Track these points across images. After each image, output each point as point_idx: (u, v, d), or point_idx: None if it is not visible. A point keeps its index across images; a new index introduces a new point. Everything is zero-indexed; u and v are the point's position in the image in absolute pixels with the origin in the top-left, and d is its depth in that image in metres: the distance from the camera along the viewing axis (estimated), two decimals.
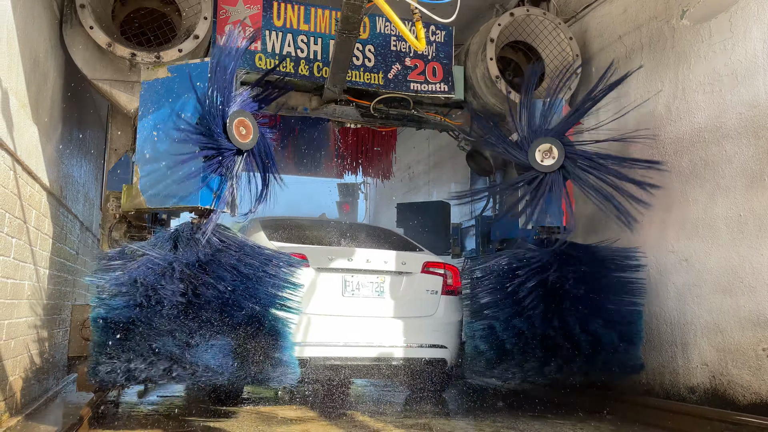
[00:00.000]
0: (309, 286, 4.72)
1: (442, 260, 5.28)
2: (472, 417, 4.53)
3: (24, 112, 3.90)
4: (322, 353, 4.60)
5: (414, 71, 5.66)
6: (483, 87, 5.75)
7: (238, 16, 5.26)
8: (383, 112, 5.69)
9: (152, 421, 4.34)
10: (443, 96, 5.75)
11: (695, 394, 4.39)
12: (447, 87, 5.74)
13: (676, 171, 4.74)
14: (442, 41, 5.79)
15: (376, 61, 5.56)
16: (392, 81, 5.57)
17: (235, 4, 5.26)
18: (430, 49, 5.67)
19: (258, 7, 5.32)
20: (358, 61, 5.48)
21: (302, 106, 5.62)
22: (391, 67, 5.59)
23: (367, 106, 5.61)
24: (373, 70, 5.55)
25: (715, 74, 4.47)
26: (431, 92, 5.70)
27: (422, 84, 5.67)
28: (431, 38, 5.74)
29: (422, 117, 5.89)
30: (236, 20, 5.23)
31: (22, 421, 3.89)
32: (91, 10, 4.52)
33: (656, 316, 4.83)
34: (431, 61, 5.74)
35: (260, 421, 4.22)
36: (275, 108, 5.43)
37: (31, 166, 4.06)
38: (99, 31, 4.50)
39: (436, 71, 5.74)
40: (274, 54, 5.33)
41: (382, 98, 5.56)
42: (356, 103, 5.63)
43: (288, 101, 5.55)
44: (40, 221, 4.46)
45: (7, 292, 3.71)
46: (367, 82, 5.50)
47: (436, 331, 4.96)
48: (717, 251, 4.33)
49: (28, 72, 3.98)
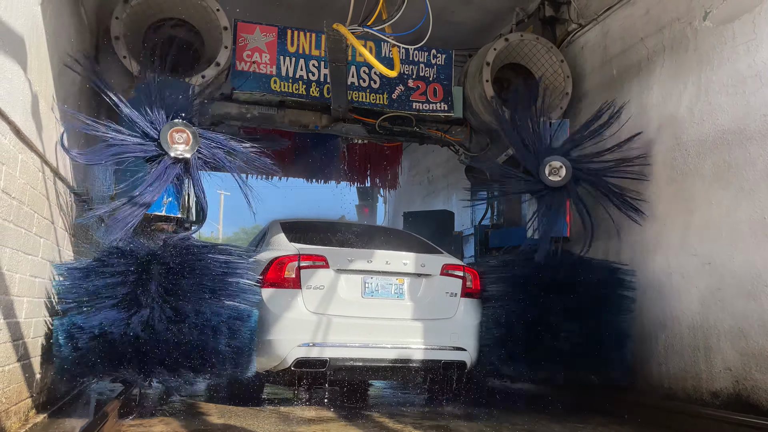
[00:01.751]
0: (328, 287, 4.76)
1: (461, 263, 5.28)
2: (492, 419, 4.52)
3: (53, 114, 4.00)
4: (341, 354, 4.62)
5: (416, 92, 6.13)
6: (480, 106, 6.13)
7: (256, 43, 5.77)
8: (388, 129, 6.12)
9: (174, 419, 4.40)
10: (443, 114, 6.22)
11: (718, 399, 4.33)
12: (447, 106, 6.21)
13: (699, 174, 4.69)
14: (443, 64, 6.28)
15: (381, 82, 6.02)
16: (396, 101, 6.03)
17: (252, 32, 5.76)
18: (431, 71, 6.19)
19: (273, 35, 5.81)
20: (364, 83, 5.96)
21: (313, 123, 6.04)
22: (395, 88, 6.05)
23: (373, 124, 6.05)
24: (378, 91, 6.01)
25: (738, 76, 4.42)
26: (432, 111, 6.16)
27: (424, 103, 6.14)
28: (432, 61, 6.23)
29: (424, 133, 6.33)
30: (254, 47, 5.75)
31: (47, 418, 3.97)
32: (124, 42, 5.05)
33: (678, 320, 4.78)
34: (432, 82, 6.20)
35: (280, 420, 4.26)
36: (289, 125, 5.99)
37: (59, 168, 4.16)
38: (131, 60, 5.04)
39: (437, 92, 6.20)
40: (287, 77, 5.81)
41: (386, 117, 6.00)
42: (363, 122, 6.07)
43: (301, 119, 6.02)
44: (67, 222, 4.56)
45: (35, 291, 3.80)
46: (373, 102, 5.97)
47: (455, 333, 4.95)
48: (741, 255, 4.28)
49: (56, 76, 4.08)
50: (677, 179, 4.92)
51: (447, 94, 6.22)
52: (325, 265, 4.79)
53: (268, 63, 5.80)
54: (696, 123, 4.77)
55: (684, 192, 4.83)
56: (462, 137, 6.51)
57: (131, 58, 5.04)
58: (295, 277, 4.71)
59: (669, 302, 4.89)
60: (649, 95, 5.31)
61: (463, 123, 6.47)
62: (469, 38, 8.27)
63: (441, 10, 7.50)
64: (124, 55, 5.05)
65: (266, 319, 4.63)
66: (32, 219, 3.65)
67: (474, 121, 6.38)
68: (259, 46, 5.77)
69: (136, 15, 5.30)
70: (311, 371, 4.64)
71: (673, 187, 4.96)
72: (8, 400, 3.35)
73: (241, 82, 5.67)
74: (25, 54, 3.37)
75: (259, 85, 5.72)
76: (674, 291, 4.84)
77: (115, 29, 5.12)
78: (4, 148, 3.11)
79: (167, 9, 5.43)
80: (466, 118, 6.39)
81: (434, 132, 6.36)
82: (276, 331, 4.58)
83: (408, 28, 4.59)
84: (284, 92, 5.82)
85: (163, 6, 5.39)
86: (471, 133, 6.54)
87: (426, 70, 6.19)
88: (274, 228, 5.59)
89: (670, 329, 4.86)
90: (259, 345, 4.67)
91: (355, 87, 5.94)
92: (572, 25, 6.44)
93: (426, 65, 6.22)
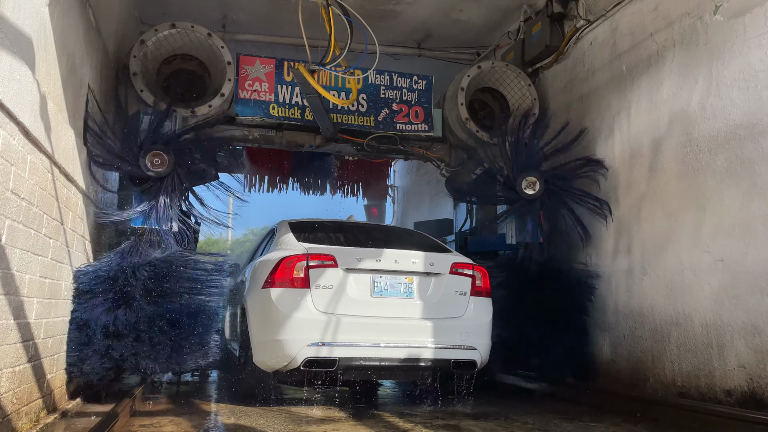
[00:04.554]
0: (337, 286, 4.75)
1: (471, 261, 5.25)
2: (503, 418, 4.49)
3: (61, 116, 4.01)
4: (350, 353, 4.60)
5: (400, 114, 6.85)
6: (457, 126, 6.86)
7: (256, 73, 6.50)
8: (375, 148, 6.84)
9: (184, 419, 4.40)
10: (424, 134, 6.96)
11: (732, 397, 4.28)
12: (427, 127, 6.95)
13: (711, 169, 4.64)
14: (423, 89, 7.02)
15: (368, 106, 6.75)
16: (381, 122, 6.76)
17: (253, 64, 6.52)
18: (413, 95, 6.98)
19: (271, 66, 6.56)
20: (352, 108, 6.71)
21: (308, 143, 6.82)
22: (381, 111, 6.78)
23: (361, 143, 6.76)
24: (366, 114, 6.74)
25: (750, 70, 4.37)
26: (414, 131, 6.90)
27: (407, 125, 6.86)
28: (414, 86, 6.99)
29: (408, 151, 7.08)
30: (255, 77, 6.49)
31: (58, 419, 3.98)
32: (141, 77, 5.79)
33: (691, 317, 4.73)
34: (414, 105, 6.94)
35: (290, 420, 4.25)
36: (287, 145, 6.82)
37: (68, 169, 4.17)
38: (148, 93, 5.74)
39: (418, 113, 6.93)
40: (284, 104, 6.54)
41: (373, 137, 6.71)
42: (352, 141, 6.79)
43: (297, 140, 6.80)
44: (76, 223, 4.57)
45: (45, 291, 3.81)
46: (360, 124, 6.70)
47: (465, 332, 4.92)
48: (754, 251, 4.23)
49: (65, 77, 4.09)
50: (688, 175, 4.86)
51: (428, 116, 6.95)
52: (334, 265, 4.78)
53: (267, 91, 6.51)
54: (707, 118, 4.72)
55: (695, 188, 4.78)
56: (442, 153, 7.22)
57: (147, 91, 5.75)
58: (304, 276, 4.70)
59: (681, 299, 4.84)
60: (659, 91, 5.26)
61: (443, 141, 7.15)
62: (478, 36, 8.26)
63: (449, 9, 7.49)
64: (141, 89, 5.74)
65: (275, 319, 4.63)
66: (42, 220, 3.66)
67: (453, 139, 7.09)
68: (259, 76, 6.50)
69: (151, 53, 6.03)
70: (321, 371, 4.62)
71: (684, 184, 4.91)
72: (19, 400, 3.36)
73: (244, 109, 6.41)
74: (33, 55, 3.38)
75: (259, 111, 6.44)
76: (686, 288, 4.79)
77: (134, 66, 5.78)
78: (13, 149, 3.12)
79: (178, 47, 6.18)
80: (446, 137, 7.09)
81: (417, 149, 7.09)
82: (285, 330, 4.57)
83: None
84: (282, 117, 6.50)
85: (174, 45, 6.14)
86: (451, 150, 7.22)
87: (408, 95, 6.93)
88: (283, 228, 5.59)
89: (682, 327, 4.80)
90: (269, 344, 4.67)
91: (344, 111, 6.67)
92: (580, 22, 6.40)
93: (408, 90, 6.95)
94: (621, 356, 5.51)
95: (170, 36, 6.04)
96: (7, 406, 3.16)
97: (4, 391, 3.12)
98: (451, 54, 8.73)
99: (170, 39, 6.08)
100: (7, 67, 2.99)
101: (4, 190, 3.02)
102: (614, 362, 5.60)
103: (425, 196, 11.07)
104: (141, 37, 5.94)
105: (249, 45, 8.20)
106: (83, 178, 4.65)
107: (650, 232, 5.26)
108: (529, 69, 7.33)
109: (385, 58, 8.60)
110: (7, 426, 3.15)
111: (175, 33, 6.03)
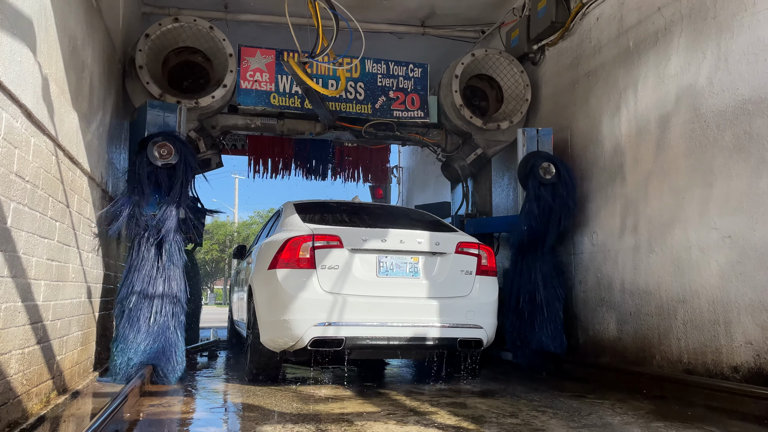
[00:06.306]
0: (343, 267, 4.76)
1: (476, 241, 5.25)
2: (509, 396, 4.51)
3: (64, 98, 3.99)
4: (357, 333, 4.62)
5: (396, 102, 7.05)
6: (452, 113, 7.07)
7: (257, 64, 6.71)
8: (373, 134, 7.06)
9: (193, 399, 4.45)
10: (420, 121, 7.17)
11: (739, 373, 4.28)
12: (423, 114, 7.16)
13: (719, 145, 4.59)
14: (419, 76, 7.21)
15: (365, 94, 6.96)
16: (379, 110, 6.98)
17: (254, 55, 6.73)
18: (409, 83, 7.17)
19: (272, 57, 6.76)
20: (350, 96, 6.89)
21: (309, 131, 7.06)
22: (378, 99, 6.99)
23: (360, 130, 6.97)
24: (363, 102, 6.95)
25: (759, 44, 4.30)
26: (411, 118, 7.11)
27: (403, 112, 7.07)
28: (410, 74, 7.16)
29: (405, 137, 7.28)
30: (256, 67, 6.69)
31: (68, 399, 4.03)
32: (147, 69, 5.98)
33: (698, 294, 4.71)
34: (410, 92, 7.14)
35: (298, 399, 4.29)
36: (288, 133, 7.05)
37: (72, 152, 4.16)
38: (154, 85, 5.99)
39: (414, 101, 7.13)
40: (284, 93, 6.74)
41: (371, 124, 6.94)
42: (350, 128, 7.00)
43: (297, 128, 7.04)
44: (82, 206, 4.58)
45: (52, 274, 3.83)
46: (358, 112, 6.94)
47: (471, 311, 4.93)
48: (762, 227, 4.19)
49: (67, 59, 4.07)
50: (696, 151, 4.82)
51: (423, 103, 7.15)
52: (340, 245, 4.78)
53: (267, 81, 6.72)
54: (715, 93, 4.66)
55: (703, 164, 4.73)
56: (438, 139, 7.45)
57: (153, 83, 5.99)
58: (310, 257, 4.71)
59: (688, 276, 4.82)
60: (666, 66, 5.19)
61: (439, 126, 7.37)
62: (482, 13, 8.19)
63: None
64: (147, 81, 5.97)
65: (282, 300, 4.64)
66: (47, 203, 3.66)
67: (448, 125, 7.26)
68: (260, 66, 6.71)
69: (155, 46, 6.22)
70: (328, 350, 4.65)
71: (691, 160, 4.86)
72: (29, 381, 3.40)
73: (246, 98, 6.63)
74: (34, 36, 3.36)
75: (260, 101, 6.66)
76: (693, 265, 4.77)
77: (139, 59, 6.00)
78: (16, 132, 3.11)
79: (182, 39, 6.40)
80: (441, 123, 7.30)
81: (414, 135, 7.30)
82: (292, 311, 4.59)
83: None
84: (282, 106, 6.72)
85: (178, 38, 6.36)
86: (447, 135, 7.43)
87: (405, 82, 7.12)
88: (288, 209, 5.59)
89: (689, 303, 4.79)
90: (276, 325, 4.69)
91: (343, 99, 6.85)
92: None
93: (405, 78, 7.14)
94: (627, 334, 5.51)
95: (173, 29, 6.25)
96: (18, 388, 3.20)
97: (14, 373, 3.15)
98: (456, 32, 8.66)
99: (173, 32, 6.28)
100: (8, 48, 2.97)
101: (9, 172, 3.02)
102: (620, 340, 5.60)
103: (431, 176, 11.04)
104: (146, 32, 6.13)
105: (252, 25, 8.16)
106: (88, 161, 4.65)
107: (657, 209, 5.23)
108: (535, 46, 7.25)
109: (389, 38, 8.57)
110: (17, 407, 3.19)
111: (178, 26, 6.23)
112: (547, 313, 5.99)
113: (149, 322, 4.96)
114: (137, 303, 4.99)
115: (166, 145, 5.31)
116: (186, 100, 6.10)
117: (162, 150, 5.29)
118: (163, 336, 4.96)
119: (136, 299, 4.98)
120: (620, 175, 5.75)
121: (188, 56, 6.66)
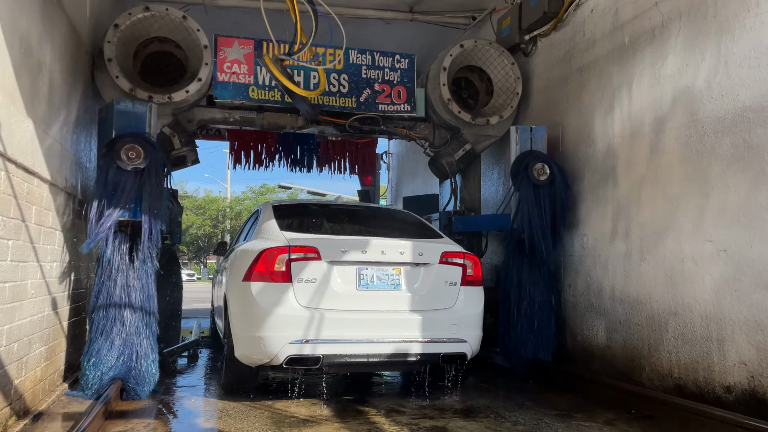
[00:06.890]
0: (321, 280, 4.53)
1: (461, 250, 5.02)
2: (493, 416, 4.33)
3: (14, 107, 3.70)
4: (335, 350, 4.42)
5: (382, 94, 6.68)
6: (440, 106, 6.74)
7: (235, 55, 6.28)
8: (357, 129, 6.68)
9: (160, 423, 4.25)
10: (407, 114, 6.81)
11: (731, 394, 4.11)
12: (410, 107, 6.79)
13: (716, 154, 4.36)
14: (406, 68, 6.81)
15: (349, 87, 6.58)
16: (363, 103, 6.60)
17: (231, 45, 6.28)
18: (395, 75, 6.76)
19: (250, 47, 6.32)
20: (334, 88, 6.52)
21: (290, 125, 6.65)
22: (363, 92, 6.61)
23: (344, 124, 6.60)
24: (347, 95, 6.56)
25: (762, 47, 4.04)
26: (397, 111, 6.75)
27: (389, 105, 6.70)
28: (396, 66, 6.76)
29: (391, 131, 6.94)
30: (233, 59, 6.25)
31: (28, 425, 3.82)
32: (116, 63, 5.60)
33: (690, 308, 4.52)
34: (396, 85, 6.74)
35: (272, 421, 4.09)
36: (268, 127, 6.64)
37: (26, 163, 3.89)
38: (123, 79, 5.60)
39: (401, 94, 6.75)
40: (264, 86, 6.32)
41: (355, 117, 6.55)
42: (334, 123, 6.63)
43: (278, 121, 6.62)
44: (43, 216, 4.32)
45: (5, 296, 3.59)
46: (342, 106, 6.54)
47: (455, 324, 4.73)
48: (760, 243, 3.98)
49: (18, 62, 3.76)
50: (692, 158, 4.58)
51: (410, 96, 6.78)
52: (317, 257, 4.55)
53: (246, 73, 6.29)
54: (714, 98, 4.41)
55: (699, 173, 4.50)
56: (426, 133, 7.08)
57: (123, 76, 5.60)
58: (286, 270, 4.48)
59: (681, 288, 4.63)
60: (663, 65, 4.92)
61: (427, 120, 7.01)
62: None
63: None
64: (116, 75, 5.58)
65: (256, 315, 4.43)
66: None
67: (436, 119, 6.94)
68: (238, 57, 6.28)
69: (125, 37, 5.81)
70: (304, 369, 4.45)
71: (687, 167, 4.63)
72: None
73: (222, 92, 6.21)
74: None
75: (238, 94, 6.26)
76: (686, 277, 4.57)
77: (108, 52, 5.59)
78: None
79: (154, 30, 5.97)
80: (429, 116, 6.95)
81: (400, 130, 6.94)
82: (266, 327, 4.38)
83: None
84: (262, 99, 6.33)
85: (150, 28, 5.93)
86: (434, 129, 7.08)
87: (390, 74, 6.72)
88: (267, 212, 5.35)
89: (681, 317, 4.61)
90: (250, 341, 4.48)
91: (325, 92, 6.44)
92: None
93: (390, 69, 6.74)
94: (616, 343, 5.33)
95: (144, 19, 5.83)
96: None
97: None
98: (446, 18, 8.32)
99: (145, 22, 5.86)
100: None
101: None
102: (609, 348, 5.43)
103: (420, 165, 10.76)
104: (114, 21, 5.69)
105: (233, 11, 7.81)
106: (47, 168, 4.36)
107: (650, 216, 5.01)
108: (527, 36, 6.95)
109: (375, 24, 8.22)
110: None
111: (149, 16, 5.82)
112: (538, 321, 5.81)
113: (121, 335, 4.74)
114: (106, 314, 4.76)
115: (135, 148, 4.97)
116: (158, 95, 5.73)
117: (130, 153, 4.96)
118: (133, 348, 4.74)
119: (104, 311, 4.76)
120: (612, 177, 5.52)
121: (162, 47, 6.24)
